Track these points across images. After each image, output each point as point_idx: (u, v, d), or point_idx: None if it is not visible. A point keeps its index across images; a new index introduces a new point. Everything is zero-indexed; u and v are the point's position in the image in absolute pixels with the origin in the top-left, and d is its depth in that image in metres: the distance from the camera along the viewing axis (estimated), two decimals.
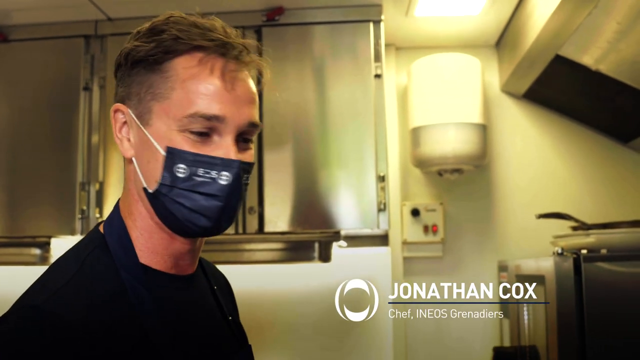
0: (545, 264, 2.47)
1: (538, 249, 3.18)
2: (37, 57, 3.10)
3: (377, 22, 2.99)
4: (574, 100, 3.36)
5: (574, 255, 2.34)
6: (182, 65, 1.17)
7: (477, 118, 3.20)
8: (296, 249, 3.24)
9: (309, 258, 3.24)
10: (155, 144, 1.17)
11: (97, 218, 2.93)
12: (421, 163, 3.30)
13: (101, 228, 1.26)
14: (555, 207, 3.13)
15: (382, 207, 2.85)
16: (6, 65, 3.10)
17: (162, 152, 1.16)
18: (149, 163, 1.18)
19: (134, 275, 1.18)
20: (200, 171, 1.15)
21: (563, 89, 3.30)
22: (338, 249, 3.27)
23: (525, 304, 2.76)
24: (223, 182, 1.16)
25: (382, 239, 3.30)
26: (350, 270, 3.32)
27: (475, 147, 3.19)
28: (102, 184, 2.97)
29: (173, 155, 1.15)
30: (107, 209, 2.89)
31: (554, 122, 3.52)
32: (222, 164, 1.16)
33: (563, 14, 2.54)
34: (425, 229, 3.41)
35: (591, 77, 2.86)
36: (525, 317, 2.75)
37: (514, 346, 2.92)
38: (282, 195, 2.87)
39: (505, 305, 3.13)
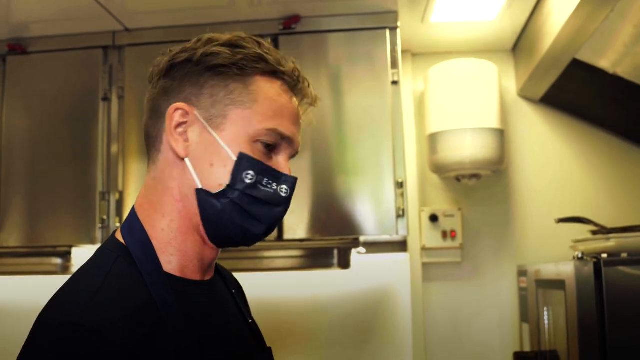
0: (566, 269, 2.46)
1: (557, 254, 3.17)
2: (56, 69, 3.12)
3: (393, 29, 2.99)
4: (591, 104, 3.35)
5: (595, 260, 2.33)
6: (264, 82, 1.27)
7: (495, 123, 3.20)
8: (315, 256, 3.25)
9: (328, 265, 3.25)
10: (227, 148, 1.23)
11: (118, 227, 2.94)
12: (439, 169, 3.30)
13: (118, 236, 1.27)
14: (573, 211, 3.12)
15: (400, 213, 2.85)
16: (25, 77, 3.13)
17: (233, 157, 1.23)
18: (213, 166, 1.23)
19: (160, 284, 1.19)
20: (264, 181, 1.25)
21: (580, 93, 3.29)
22: (357, 256, 3.28)
23: (545, 309, 2.76)
24: (283, 195, 1.28)
25: (401, 245, 3.31)
26: (369, 277, 3.33)
27: (493, 152, 3.18)
28: (121, 194, 2.99)
29: (244, 161, 1.23)
30: None
31: (571, 126, 3.51)
32: (284, 178, 1.28)
33: (580, 18, 2.54)
34: (444, 234, 3.41)
35: (608, 80, 2.85)
36: (546, 322, 2.74)
37: (534, 351, 2.91)
38: (301, 202, 2.87)
39: (525, 310, 3.12)
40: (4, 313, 3.37)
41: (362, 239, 3.07)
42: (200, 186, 1.23)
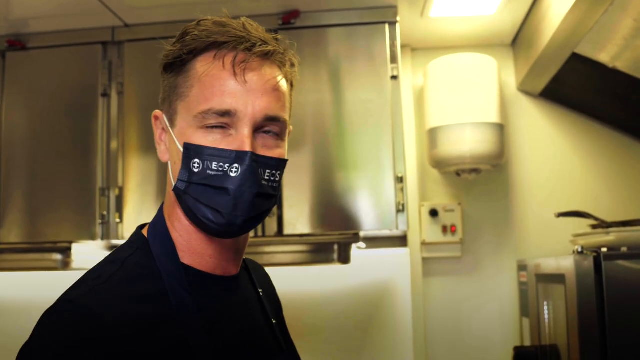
0: (565, 263, 2.46)
1: (557, 248, 3.17)
2: (55, 65, 3.12)
3: (392, 24, 2.99)
4: (591, 98, 3.35)
5: (594, 254, 2.33)
6: (200, 63, 1.20)
7: (494, 118, 3.20)
8: (315, 251, 3.25)
9: (328, 260, 3.25)
10: (177, 142, 1.20)
11: (117, 223, 2.95)
12: (439, 163, 3.30)
13: (144, 231, 1.28)
14: (573, 205, 3.12)
15: (400, 208, 2.85)
16: (25, 72, 3.12)
17: (181, 149, 1.19)
18: (175, 163, 1.21)
19: (176, 278, 1.19)
20: (214, 165, 1.16)
21: (580, 87, 3.29)
22: (357, 251, 3.28)
23: (545, 303, 2.76)
24: (233, 175, 1.16)
25: (401, 240, 3.30)
26: (369, 272, 3.33)
27: (493, 146, 3.18)
28: (121, 189, 2.98)
29: (189, 152, 1.18)
30: (127, 214, 2.92)
31: (571, 120, 3.51)
32: (234, 156, 1.16)
33: (579, 12, 2.54)
34: (444, 229, 3.41)
35: (608, 74, 2.84)
36: (546, 316, 2.75)
37: (535, 345, 2.91)
38: (301, 197, 2.87)
39: (525, 304, 3.12)
40: (4, 309, 3.37)
41: (362, 233, 3.07)
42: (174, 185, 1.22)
